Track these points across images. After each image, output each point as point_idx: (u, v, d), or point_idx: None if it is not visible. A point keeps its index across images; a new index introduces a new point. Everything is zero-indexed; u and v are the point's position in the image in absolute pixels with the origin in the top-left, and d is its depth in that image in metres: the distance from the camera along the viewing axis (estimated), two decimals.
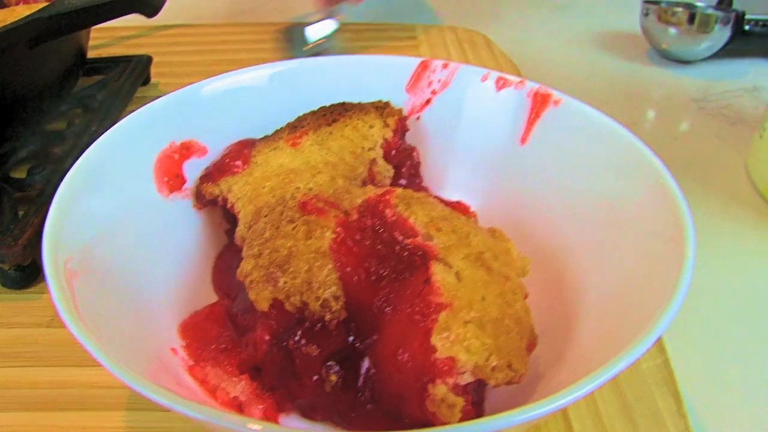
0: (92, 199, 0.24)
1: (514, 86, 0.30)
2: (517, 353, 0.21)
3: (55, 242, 0.21)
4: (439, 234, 0.23)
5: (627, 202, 0.25)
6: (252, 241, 0.24)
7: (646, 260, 0.23)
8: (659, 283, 0.21)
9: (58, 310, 0.19)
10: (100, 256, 0.23)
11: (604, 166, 0.27)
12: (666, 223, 0.23)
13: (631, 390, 0.26)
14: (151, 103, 0.28)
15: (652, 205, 0.24)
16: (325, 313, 0.22)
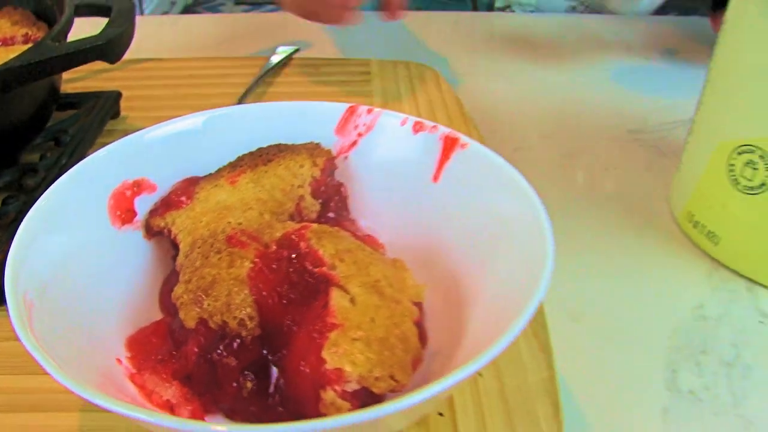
0: (50, 236, 0.28)
1: (428, 130, 0.35)
2: (400, 366, 0.25)
3: (14, 277, 0.25)
4: (342, 264, 0.27)
5: (509, 227, 0.30)
6: (185, 268, 0.28)
7: (520, 273, 0.27)
8: (527, 292, 0.25)
9: (17, 334, 0.23)
10: (56, 289, 0.27)
11: (495, 198, 0.31)
12: (534, 239, 0.27)
13: (515, 398, 0.30)
14: (107, 146, 0.32)
15: (526, 228, 0.28)
16: (241, 331, 0.26)
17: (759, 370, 0.35)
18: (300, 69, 0.59)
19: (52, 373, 0.22)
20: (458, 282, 0.31)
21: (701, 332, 0.37)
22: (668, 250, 0.43)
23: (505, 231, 0.29)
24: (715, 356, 0.36)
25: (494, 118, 0.56)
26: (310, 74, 0.58)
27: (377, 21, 0.68)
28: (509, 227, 0.29)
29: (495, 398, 0.30)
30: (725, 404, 0.33)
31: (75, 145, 0.44)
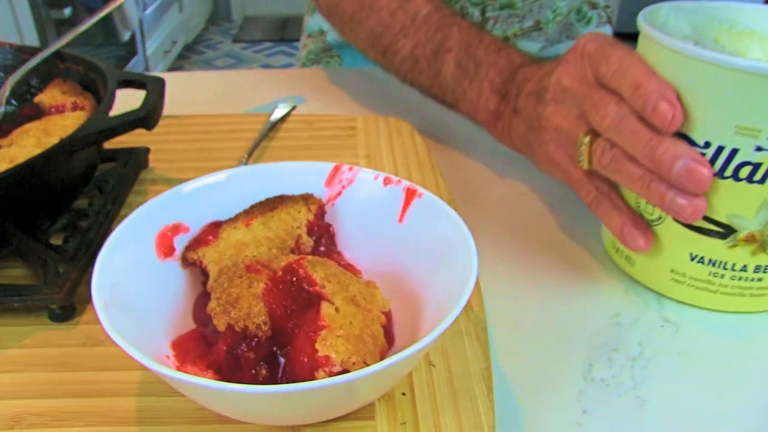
0: (117, 259, 0.38)
1: (394, 183, 0.45)
2: (370, 355, 0.36)
3: (98, 283, 0.36)
4: (329, 284, 0.38)
5: (449, 251, 0.40)
6: (216, 289, 0.39)
7: (454, 285, 0.37)
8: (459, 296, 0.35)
9: (101, 322, 0.34)
10: (120, 297, 0.37)
11: (440, 232, 0.41)
12: (465, 259, 0.38)
13: (459, 383, 0.40)
14: (153, 199, 0.43)
15: (460, 252, 0.39)
16: (258, 332, 0.36)
17: (656, 362, 0.44)
18: (296, 124, 0.70)
19: (126, 348, 0.32)
20: (415, 296, 0.42)
21: (615, 335, 0.46)
22: (597, 271, 0.53)
23: (446, 255, 0.40)
24: (624, 353, 0.45)
25: (458, 163, 0.67)
26: (305, 129, 0.69)
27: (362, 79, 0.80)
28: (449, 252, 0.40)
29: (444, 382, 0.40)
30: (627, 388, 0.42)
31: (116, 193, 0.55)
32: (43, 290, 0.44)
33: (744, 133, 0.41)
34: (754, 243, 0.45)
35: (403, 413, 0.38)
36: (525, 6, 0.91)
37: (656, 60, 0.43)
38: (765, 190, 0.42)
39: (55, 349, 0.43)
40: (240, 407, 0.33)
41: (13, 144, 0.53)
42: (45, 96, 0.61)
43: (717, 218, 0.44)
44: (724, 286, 0.47)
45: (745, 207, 0.43)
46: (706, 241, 0.45)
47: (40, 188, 0.47)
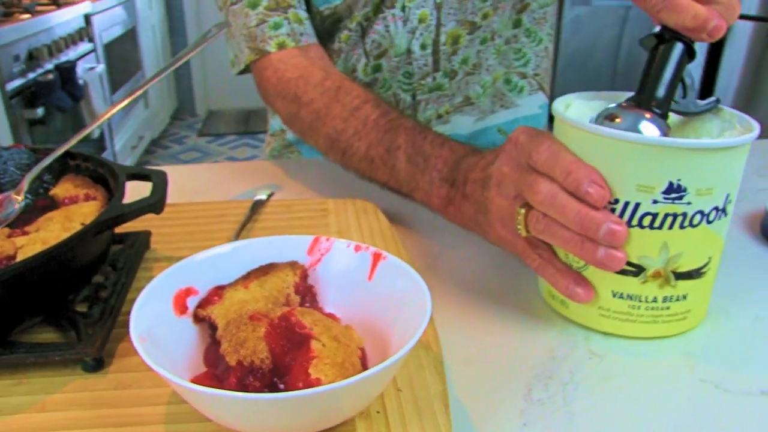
0: (144, 313, 0.48)
1: (363, 249, 0.56)
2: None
3: (134, 325, 0.46)
4: (316, 327, 0.48)
5: (409, 301, 0.51)
6: (226, 336, 0.49)
7: (413, 325, 0.48)
8: (415, 330, 0.46)
9: (137, 350, 0.43)
10: (150, 339, 0.47)
11: (401, 286, 0.52)
12: (420, 306, 0.49)
13: (423, 402, 0.50)
14: (170, 267, 0.53)
15: (417, 301, 0.50)
16: (262, 366, 0.46)
17: (584, 385, 0.52)
18: (275, 208, 0.81)
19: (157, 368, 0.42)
20: (382, 335, 0.52)
21: (550, 366, 0.54)
22: (535, 317, 0.62)
23: (406, 302, 0.51)
24: (557, 380, 0.52)
25: (418, 237, 0.78)
26: (283, 212, 0.80)
27: (325, 169, 0.92)
28: (408, 299, 0.51)
29: (410, 403, 0.50)
30: (559, 405, 0.50)
31: (127, 269, 0.65)
32: (78, 345, 0.54)
33: (643, 190, 0.50)
34: (660, 278, 0.53)
35: (378, 427, 0.48)
36: (452, 86, 0.98)
37: (570, 138, 0.52)
38: (663, 234, 0.51)
39: (91, 393, 0.52)
40: (246, 415, 0.43)
41: (41, 229, 0.63)
42: (59, 189, 0.71)
43: (630, 260, 0.53)
44: (641, 316, 0.55)
45: (650, 249, 0.52)
46: (624, 280, 0.54)
47: (69, 265, 0.57)
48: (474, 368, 0.56)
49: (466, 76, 0.99)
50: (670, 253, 0.53)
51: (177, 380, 0.41)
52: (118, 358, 0.55)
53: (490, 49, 0.99)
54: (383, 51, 0.95)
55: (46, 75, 2.49)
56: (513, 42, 1.02)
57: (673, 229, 0.51)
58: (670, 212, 0.51)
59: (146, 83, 0.73)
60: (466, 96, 1.01)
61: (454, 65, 0.97)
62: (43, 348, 0.54)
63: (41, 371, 0.54)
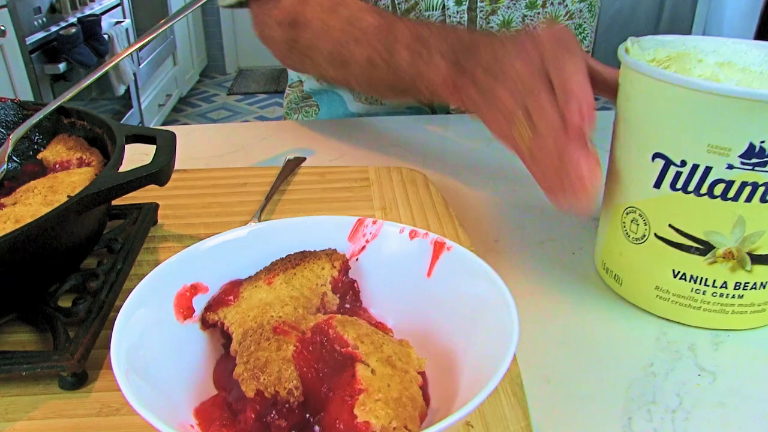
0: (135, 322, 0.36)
1: (421, 237, 0.44)
2: (410, 419, 0.33)
3: (117, 349, 0.34)
4: (363, 345, 0.36)
5: (485, 309, 0.38)
6: (242, 353, 0.37)
7: (494, 347, 0.36)
8: (500, 360, 0.33)
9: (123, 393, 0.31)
10: (140, 362, 0.35)
11: (473, 287, 0.40)
12: (504, 318, 0.36)
13: None
14: (171, 258, 0.41)
15: (498, 310, 0.37)
16: (290, 398, 0.34)
17: (696, 413, 0.43)
18: (307, 177, 0.69)
19: (151, 419, 0.30)
20: (448, 354, 0.40)
21: (650, 385, 0.45)
22: (628, 318, 0.52)
23: (482, 312, 0.38)
24: (663, 405, 0.44)
25: (473, 214, 0.65)
26: (316, 181, 0.67)
27: (367, 129, 0.79)
28: (485, 309, 0.38)
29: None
30: None
31: (126, 252, 0.53)
32: (53, 357, 0.42)
33: (716, 152, 0.44)
34: (732, 260, 0.47)
35: None
36: None
37: (635, 86, 0.47)
38: (738, 207, 0.45)
39: (67, 420, 0.40)
40: None
41: (18, 203, 0.51)
42: (49, 152, 0.59)
43: (695, 234, 0.47)
44: (706, 303, 0.49)
45: (721, 224, 0.46)
46: (687, 258, 0.48)
47: (48, 249, 0.45)
48: (553, 389, 0.46)
49: None
50: (746, 231, 0.46)
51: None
52: (105, 371, 0.44)
53: (540, 17, 0.90)
54: (413, 4, 0.86)
55: (68, 29, 2.38)
56: (576, 17, 0.92)
57: (751, 201, 0.44)
58: (748, 181, 0.44)
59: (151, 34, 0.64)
60: None
61: (492, 26, 0.89)
62: (6, 358, 0.42)
63: (4, 390, 0.42)
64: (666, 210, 0.48)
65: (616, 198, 0.53)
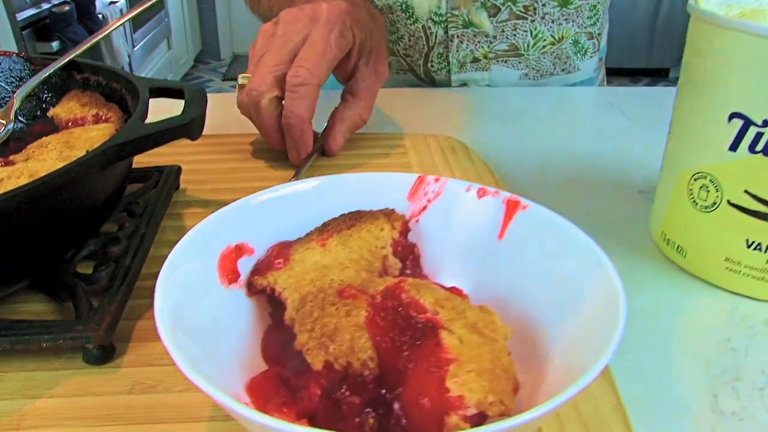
0: (177, 283, 0.31)
1: (491, 195, 0.39)
2: (506, 393, 0.29)
3: (160, 303, 0.29)
4: (443, 310, 0.31)
5: (576, 278, 0.33)
6: (303, 320, 0.32)
7: (591, 321, 0.31)
8: (602, 336, 0.29)
9: (169, 351, 0.26)
10: (186, 326, 0.30)
11: (559, 253, 0.35)
12: (605, 292, 0.31)
13: (592, 421, 0.34)
14: (212, 215, 0.36)
15: (594, 280, 0.32)
16: (363, 371, 0.29)
17: None
18: None
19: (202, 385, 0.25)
20: (528, 326, 0.35)
21: (731, 362, 0.41)
22: (699, 291, 0.48)
23: (569, 279, 0.33)
24: (749, 383, 0.40)
25: (517, 184, 0.60)
26: (351, 148, 0.62)
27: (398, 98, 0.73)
28: (571, 276, 0.33)
29: (575, 423, 0.33)
30: (763, 423, 0.37)
31: (149, 215, 0.48)
32: (76, 327, 0.37)
33: None
34: None
35: None
36: (494, 26, 0.86)
37: (711, 41, 0.44)
38: None
39: (95, 398, 0.35)
40: None
41: (31, 159, 0.46)
42: (61, 109, 0.54)
43: None
44: None
45: None
46: (764, 227, 0.44)
47: (66, 207, 0.40)
48: (633, 367, 0.41)
49: (513, 18, 0.85)
50: None
51: (233, 404, 0.24)
52: (135, 345, 0.39)
53: None
54: None
55: (61, 6, 2.31)
56: None
57: None
58: None
59: None
60: (512, 44, 0.87)
61: (497, 0, 0.82)
62: (24, 328, 0.37)
63: (20, 364, 0.37)
64: (742, 175, 0.44)
65: (682, 163, 0.48)
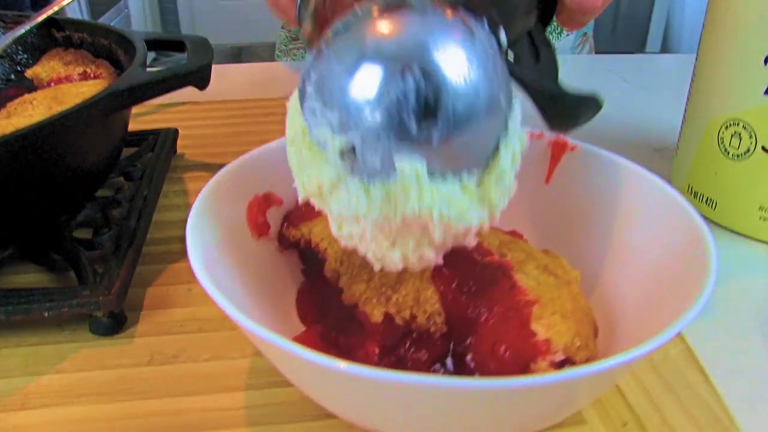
0: (207, 229, 0.28)
1: (536, 137, 0.36)
2: (589, 337, 0.25)
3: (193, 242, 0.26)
4: (510, 252, 0.28)
5: (639, 217, 0.31)
6: (354, 271, 0.28)
7: (667, 267, 0.28)
8: (690, 278, 0.25)
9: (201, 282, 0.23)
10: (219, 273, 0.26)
11: (614, 192, 0.32)
12: (683, 232, 0.28)
13: (664, 367, 0.31)
14: (235, 161, 0.32)
15: (666, 220, 0.29)
16: (430, 326, 0.26)
17: None
18: None
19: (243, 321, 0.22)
20: (591, 270, 0.32)
21: None
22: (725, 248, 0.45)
23: (637, 225, 0.31)
24: None
25: None
26: None
27: None
28: (642, 220, 0.30)
29: (648, 371, 0.31)
30: None
31: (149, 178, 0.44)
32: (82, 292, 0.32)
33: None
34: None
35: (617, 412, 0.28)
36: None
37: None
38: None
39: (109, 371, 0.31)
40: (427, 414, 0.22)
41: (13, 116, 0.41)
42: (41, 68, 0.49)
43: None
44: None
45: None
46: None
47: (60, 165, 0.35)
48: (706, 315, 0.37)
49: None
50: None
51: (278, 340, 0.20)
52: (148, 313, 0.34)
53: None
54: None
55: None
56: None
57: None
58: None
59: None
60: None
61: None
62: (22, 296, 0.32)
63: (18, 338, 0.33)
64: None
65: (711, 111, 0.46)
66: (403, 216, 0.23)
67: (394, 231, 0.23)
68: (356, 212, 0.23)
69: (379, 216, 0.23)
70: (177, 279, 0.37)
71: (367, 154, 0.22)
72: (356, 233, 0.24)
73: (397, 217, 0.23)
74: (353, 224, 0.24)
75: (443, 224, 0.23)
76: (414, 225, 0.23)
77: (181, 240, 0.40)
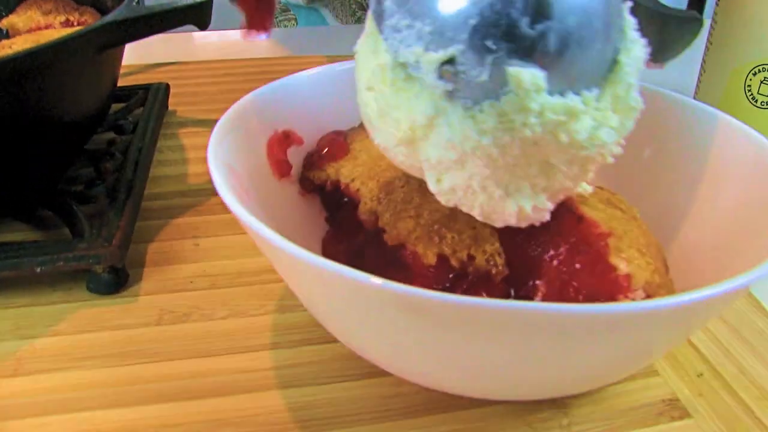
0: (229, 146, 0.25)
1: None
2: (665, 273, 0.23)
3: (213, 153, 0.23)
4: None
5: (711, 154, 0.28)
6: (396, 207, 0.25)
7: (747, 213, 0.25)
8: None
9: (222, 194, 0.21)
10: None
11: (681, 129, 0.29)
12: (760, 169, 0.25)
13: (728, 314, 0.29)
14: (251, 93, 0.28)
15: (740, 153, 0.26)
16: (490, 268, 0.23)
17: None
18: None
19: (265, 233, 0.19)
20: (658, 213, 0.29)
21: None
22: None
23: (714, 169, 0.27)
24: None
25: None
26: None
27: None
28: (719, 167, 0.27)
29: (722, 327, 0.28)
30: None
31: (142, 131, 0.40)
32: (78, 245, 0.29)
33: None
34: None
35: (690, 363, 0.25)
36: None
37: None
38: None
39: (112, 332, 0.27)
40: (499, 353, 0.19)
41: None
42: (18, 18, 0.44)
43: None
44: None
45: None
46: None
47: (44, 107, 0.31)
48: None
49: None
50: None
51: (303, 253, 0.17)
52: (152, 270, 0.31)
53: None
54: None
55: None
56: None
57: None
58: None
59: None
60: None
61: None
62: (12, 250, 0.28)
63: (5, 299, 0.29)
64: None
65: (736, 59, 0.43)
66: (522, 142, 0.18)
67: (509, 170, 0.19)
68: (463, 149, 0.19)
69: (493, 147, 0.18)
70: (181, 234, 0.33)
71: (472, 67, 0.18)
72: (461, 184, 0.20)
73: (514, 145, 0.18)
74: (457, 172, 0.20)
75: (572, 149, 0.19)
76: (533, 158, 0.19)
77: (183, 194, 0.37)
